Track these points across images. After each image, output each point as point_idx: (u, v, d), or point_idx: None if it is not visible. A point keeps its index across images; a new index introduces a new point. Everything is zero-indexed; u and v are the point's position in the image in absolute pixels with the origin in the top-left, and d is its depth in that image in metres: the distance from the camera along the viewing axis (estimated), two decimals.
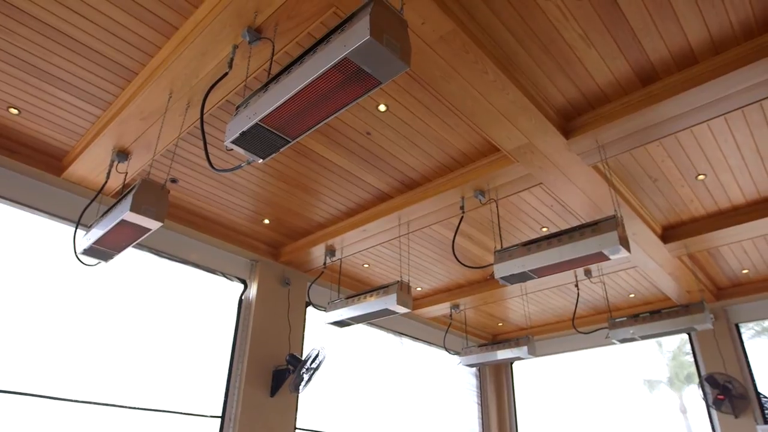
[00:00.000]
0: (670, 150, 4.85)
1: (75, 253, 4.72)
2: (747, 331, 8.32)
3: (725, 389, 7.67)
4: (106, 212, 4.40)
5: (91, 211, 5.35)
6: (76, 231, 4.82)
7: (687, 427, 19.77)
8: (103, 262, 4.81)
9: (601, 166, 4.91)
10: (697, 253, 6.81)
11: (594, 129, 4.30)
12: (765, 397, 7.79)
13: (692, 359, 8.54)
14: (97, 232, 4.45)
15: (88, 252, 4.67)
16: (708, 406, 7.93)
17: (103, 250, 4.64)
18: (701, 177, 5.27)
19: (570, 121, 4.48)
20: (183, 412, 6.12)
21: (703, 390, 7.91)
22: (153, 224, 4.18)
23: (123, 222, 4.19)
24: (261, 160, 3.12)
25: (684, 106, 4.01)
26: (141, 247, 5.94)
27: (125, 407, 5.78)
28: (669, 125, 4.22)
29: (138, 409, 5.87)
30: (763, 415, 7.67)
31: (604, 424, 19.33)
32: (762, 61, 3.57)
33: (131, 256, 6.06)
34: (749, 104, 3.98)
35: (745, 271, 7.52)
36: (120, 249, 4.62)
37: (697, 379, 8.13)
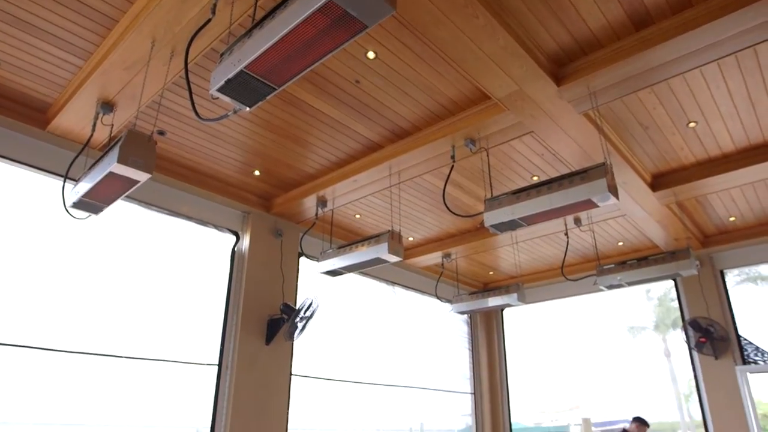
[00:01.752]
0: (662, 97, 4.81)
1: (65, 206, 4.71)
2: (732, 278, 8.52)
3: (707, 332, 7.92)
4: (93, 165, 4.35)
5: (78, 165, 5.29)
6: (64, 184, 4.79)
7: (670, 370, 20.59)
8: (93, 215, 4.80)
9: (592, 114, 4.88)
10: (686, 201, 6.88)
11: (586, 76, 4.25)
12: (745, 339, 8.07)
13: (677, 305, 8.78)
14: (85, 185, 4.42)
15: (77, 205, 4.66)
16: (690, 349, 8.20)
17: (92, 203, 4.62)
18: (692, 124, 5.26)
19: (561, 68, 4.42)
20: (181, 360, 6.27)
21: (686, 334, 8.16)
22: (141, 176, 4.15)
23: (111, 174, 4.15)
24: (248, 109, 3.08)
25: (677, 51, 3.95)
26: (131, 200, 5.91)
27: (124, 357, 5.92)
28: (662, 71, 4.17)
29: (137, 359, 6.02)
30: (742, 356, 7.96)
31: (591, 369, 20.03)
32: (758, 3, 3.50)
33: (124, 209, 6.05)
34: (743, 49, 3.92)
35: (732, 219, 7.62)
36: (109, 202, 4.60)
37: (681, 324, 8.37)
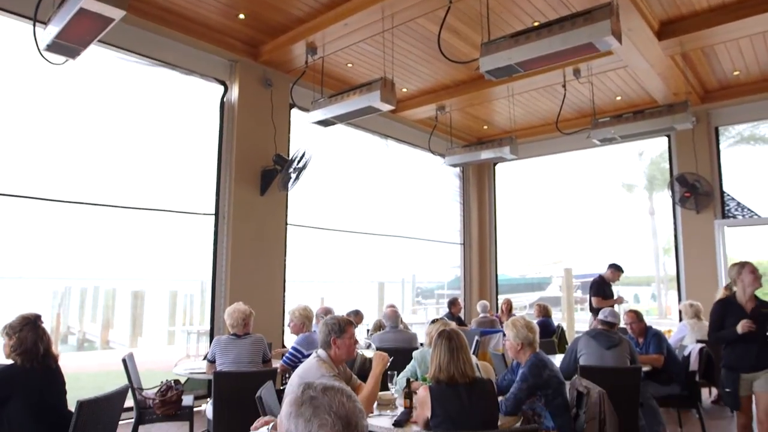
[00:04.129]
0: None
1: (38, 50, 4.46)
2: (726, 140, 8.49)
3: (693, 187, 8.09)
4: (62, 3, 4.05)
5: (47, 5, 4.90)
6: (34, 26, 4.46)
7: (652, 227, 21.43)
8: (70, 60, 4.57)
9: None
10: (691, 52, 6.60)
11: None
12: (728, 195, 8.28)
13: (668, 166, 8.85)
14: (56, 26, 4.14)
15: (52, 48, 4.40)
16: (674, 203, 8.44)
17: (67, 46, 4.36)
18: None
19: None
20: (178, 210, 6.43)
21: (672, 189, 8.33)
22: (114, 12, 3.87)
23: (82, 11, 3.86)
24: None
25: None
26: (113, 47, 5.60)
27: (124, 207, 6.03)
28: None
29: (136, 209, 6.14)
30: (723, 210, 8.23)
31: (576, 225, 20.78)
32: None
33: (110, 61, 5.78)
34: None
35: (736, 73, 7.38)
36: (85, 44, 4.34)
37: (668, 183, 8.50)
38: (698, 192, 8.05)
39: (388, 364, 3.13)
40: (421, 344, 4.59)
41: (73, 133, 6.13)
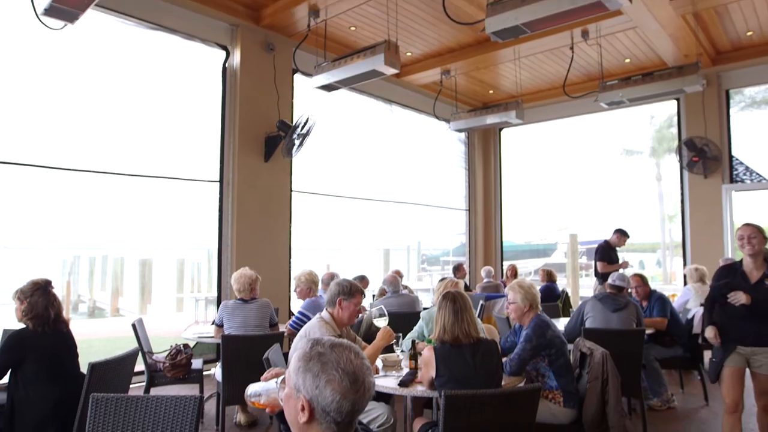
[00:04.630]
0: None
1: (36, 14, 4.38)
2: (737, 104, 8.33)
3: (701, 152, 8.00)
4: None
5: None
6: None
7: (659, 193, 21.30)
8: (69, 24, 4.50)
9: None
10: (703, 12, 6.42)
11: None
12: (737, 159, 8.19)
13: (676, 131, 8.72)
14: None
15: (49, 12, 4.32)
16: (682, 168, 8.36)
17: (65, 9, 4.28)
18: None
19: None
20: (183, 177, 6.42)
21: (680, 153, 8.24)
22: None
23: None
24: None
25: None
26: (115, 13, 5.51)
27: (130, 175, 6.03)
28: None
29: (142, 176, 6.14)
30: (731, 175, 8.15)
31: (583, 191, 20.67)
32: None
33: (113, 27, 5.70)
34: None
35: (749, 33, 7.19)
36: (83, 7, 4.26)
37: (676, 148, 8.40)
38: (706, 156, 7.96)
39: (393, 342, 3.17)
40: (429, 305, 4.62)
41: (77, 100, 6.10)
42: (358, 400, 1.20)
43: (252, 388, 1.54)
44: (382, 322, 3.30)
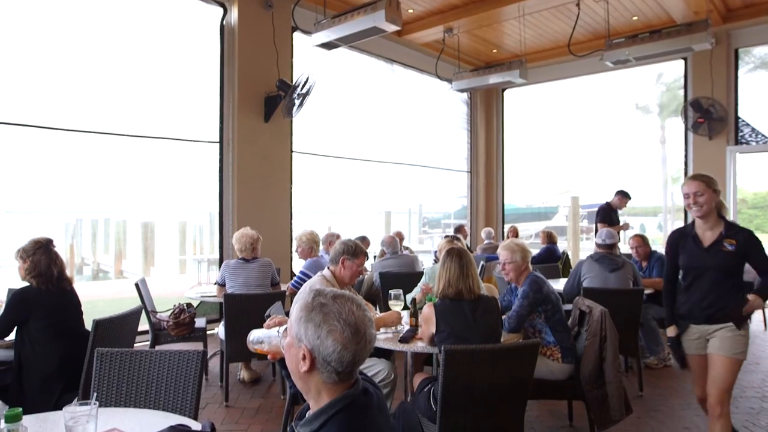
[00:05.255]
0: None
1: None
2: (746, 65, 8.15)
3: (707, 112, 7.88)
4: None
5: None
6: None
7: (662, 156, 21.14)
8: None
9: None
10: None
11: None
12: (743, 120, 8.07)
13: (682, 92, 8.57)
14: None
15: None
16: (686, 130, 8.26)
17: None
18: None
19: None
20: (183, 138, 6.36)
21: (686, 114, 8.13)
22: None
23: None
24: None
25: None
26: None
27: (130, 136, 5.97)
28: None
29: (141, 137, 6.08)
30: (736, 137, 8.05)
31: (585, 154, 20.52)
32: None
33: None
34: None
35: None
36: None
37: (681, 111, 8.27)
38: (712, 117, 7.85)
39: (397, 327, 3.19)
40: (435, 261, 4.63)
41: (76, 61, 6.02)
42: (359, 351, 1.20)
43: (254, 335, 1.56)
44: (396, 306, 3.33)
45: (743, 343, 2.74)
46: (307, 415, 1.25)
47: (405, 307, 3.39)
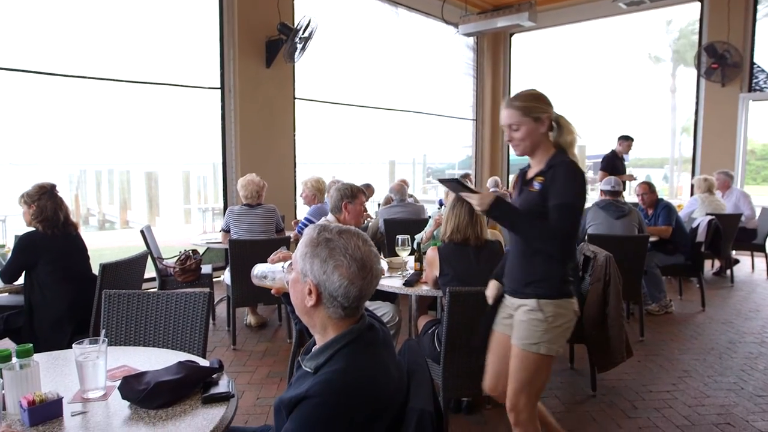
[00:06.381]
0: None
1: None
2: (764, 8, 7.82)
3: (722, 58, 7.65)
4: None
5: None
6: None
7: (672, 105, 20.73)
8: None
9: None
10: None
11: None
12: (758, 67, 7.84)
13: (696, 38, 8.27)
14: None
15: None
16: (699, 76, 8.04)
17: None
18: None
19: None
20: (183, 84, 6.23)
21: (699, 59, 7.89)
22: None
23: None
24: None
25: None
26: None
27: (131, 81, 5.85)
28: None
29: (141, 83, 5.96)
30: (750, 83, 7.84)
31: (593, 103, 20.13)
32: None
33: None
34: None
35: None
36: None
37: (693, 61, 8.02)
38: (726, 63, 7.62)
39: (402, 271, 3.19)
40: (440, 206, 4.61)
41: (76, 5, 5.82)
42: (366, 286, 1.19)
43: (258, 269, 1.55)
44: (403, 252, 3.33)
45: (543, 331, 1.90)
46: (313, 350, 1.26)
47: (411, 253, 3.40)
